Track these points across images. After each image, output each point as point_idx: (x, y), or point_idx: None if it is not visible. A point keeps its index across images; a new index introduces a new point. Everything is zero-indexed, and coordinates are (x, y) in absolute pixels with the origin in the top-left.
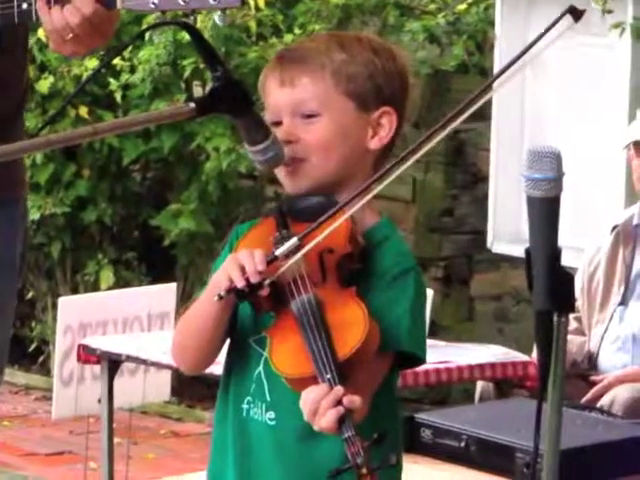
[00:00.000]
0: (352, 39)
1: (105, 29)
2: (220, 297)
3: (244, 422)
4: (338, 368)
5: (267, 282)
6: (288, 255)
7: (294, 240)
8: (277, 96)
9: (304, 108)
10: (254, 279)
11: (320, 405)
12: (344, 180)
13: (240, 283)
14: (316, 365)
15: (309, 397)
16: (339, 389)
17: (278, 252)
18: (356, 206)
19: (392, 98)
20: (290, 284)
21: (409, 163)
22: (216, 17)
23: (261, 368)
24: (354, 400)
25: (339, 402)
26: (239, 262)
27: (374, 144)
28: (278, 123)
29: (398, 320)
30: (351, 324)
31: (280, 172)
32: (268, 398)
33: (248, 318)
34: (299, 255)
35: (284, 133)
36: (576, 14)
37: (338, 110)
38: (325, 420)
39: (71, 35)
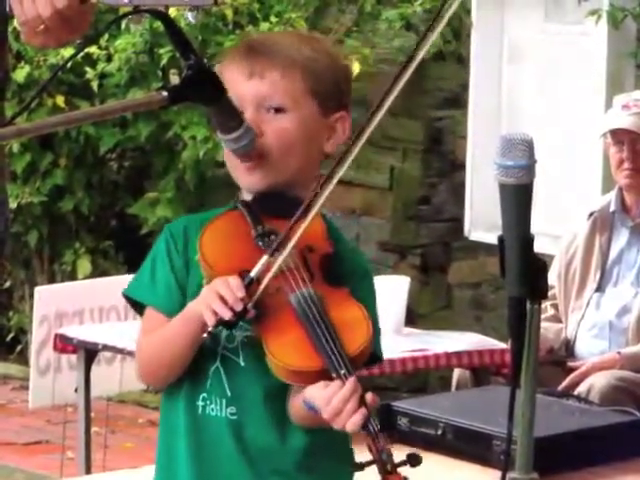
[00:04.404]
0: (316, 39)
1: (77, 23)
2: (210, 333)
3: (199, 419)
4: (351, 364)
5: (250, 305)
6: (268, 268)
7: (265, 258)
8: (243, 87)
9: (271, 102)
10: (238, 307)
11: (345, 407)
12: (299, 181)
13: (227, 314)
14: (329, 360)
15: (330, 396)
16: (359, 388)
17: (253, 273)
18: (321, 199)
19: (347, 103)
20: (281, 282)
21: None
22: (189, 15)
23: (218, 364)
24: (376, 400)
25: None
26: (217, 292)
27: (329, 147)
28: None
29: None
30: (354, 323)
31: (237, 166)
32: (228, 393)
33: None
34: (275, 268)
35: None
36: None
37: (304, 109)
38: (352, 422)
39: (42, 27)
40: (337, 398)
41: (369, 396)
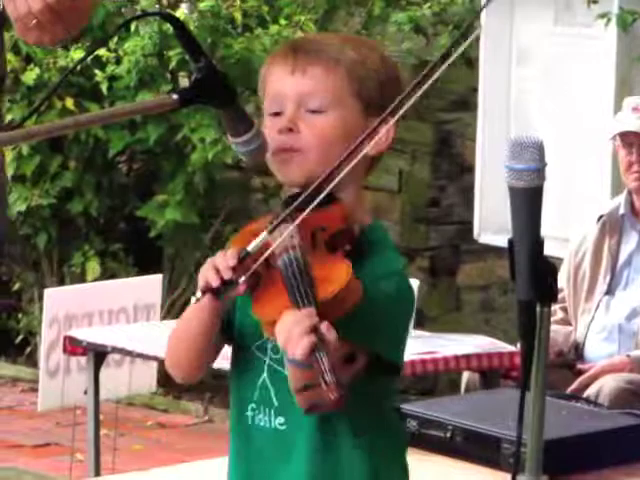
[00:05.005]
0: (363, 43)
1: (70, 19)
2: (197, 299)
3: (249, 429)
4: (316, 303)
5: (243, 278)
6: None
7: (263, 235)
8: (284, 84)
9: (312, 101)
10: (226, 275)
11: (294, 331)
12: (341, 184)
13: (215, 282)
14: (293, 298)
15: (284, 323)
16: (313, 318)
17: (249, 247)
18: (329, 187)
19: (389, 107)
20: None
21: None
22: (184, 6)
23: (265, 375)
24: (331, 330)
25: (315, 329)
26: (213, 262)
27: (372, 150)
28: (278, 114)
29: (377, 319)
30: (333, 274)
31: (273, 161)
32: (276, 403)
33: (250, 325)
34: (276, 244)
35: (286, 120)
36: None
37: (345, 109)
38: (300, 346)
39: (34, 22)
40: (289, 323)
41: (324, 325)
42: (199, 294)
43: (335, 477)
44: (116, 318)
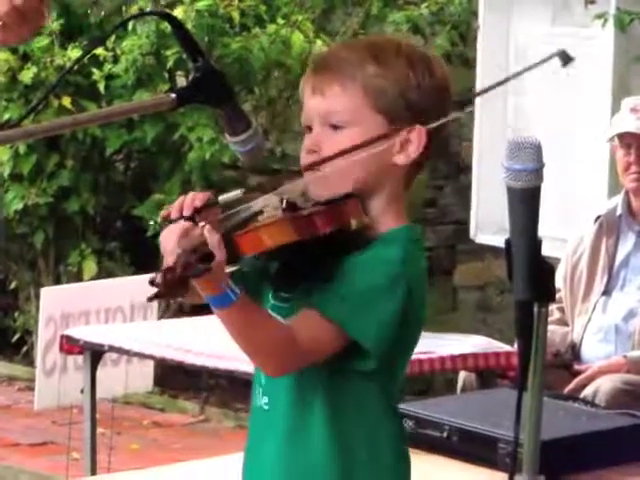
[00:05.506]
0: (389, 49)
1: (35, 18)
2: (155, 222)
3: (255, 409)
4: (230, 236)
5: (202, 224)
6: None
7: (237, 192)
8: (309, 102)
9: (332, 119)
10: (186, 212)
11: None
12: (368, 193)
13: (174, 214)
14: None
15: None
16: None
17: (220, 197)
18: (329, 166)
19: (424, 113)
20: None
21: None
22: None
23: None
24: (212, 232)
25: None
26: (186, 197)
27: (401, 160)
28: (309, 128)
29: (355, 302)
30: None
31: (305, 177)
32: (263, 382)
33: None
34: (253, 205)
35: (310, 142)
36: (565, 58)
37: (365, 124)
38: (171, 242)
39: (0, 24)
40: (171, 228)
41: (206, 227)
42: (159, 218)
43: (306, 461)
44: (113, 317)
